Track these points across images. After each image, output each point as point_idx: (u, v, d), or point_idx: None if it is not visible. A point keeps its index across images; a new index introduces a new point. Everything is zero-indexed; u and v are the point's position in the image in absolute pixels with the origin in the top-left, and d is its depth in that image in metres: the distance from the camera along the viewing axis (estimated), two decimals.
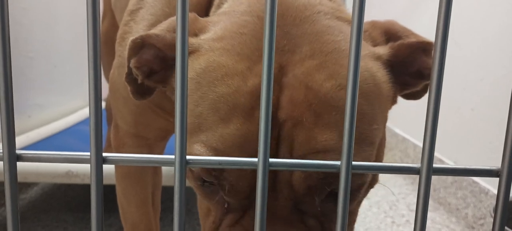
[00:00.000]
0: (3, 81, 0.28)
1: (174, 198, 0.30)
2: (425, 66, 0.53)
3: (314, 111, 0.43)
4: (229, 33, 0.48)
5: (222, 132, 0.43)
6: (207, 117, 0.45)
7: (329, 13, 0.51)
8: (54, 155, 0.30)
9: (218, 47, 0.47)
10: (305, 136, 0.43)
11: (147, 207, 0.82)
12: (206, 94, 0.45)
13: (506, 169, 0.30)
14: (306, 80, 0.44)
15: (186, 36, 0.28)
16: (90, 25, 0.27)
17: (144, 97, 0.56)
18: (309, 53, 0.46)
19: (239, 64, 0.45)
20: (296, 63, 0.45)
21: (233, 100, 0.44)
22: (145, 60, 0.52)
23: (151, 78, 0.53)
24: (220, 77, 0.45)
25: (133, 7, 0.69)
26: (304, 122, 0.43)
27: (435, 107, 0.29)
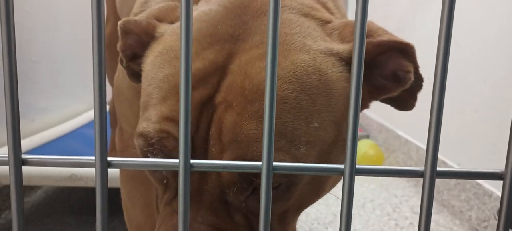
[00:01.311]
0: (9, 87, 0.28)
1: (179, 200, 0.30)
2: (401, 69, 0.49)
3: (246, 98, 0.43)
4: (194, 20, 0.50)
5: (160, 109, 0.46)
6: (153, 95, 0.48)
7: (296, 8, 0.51)
8: (60, 160, 0.30)
9: (177, 33, 0.50)
10: (232, 121, 0.43)
11: (152, 210, 0.82)
12: (156, 75, 0.48)
13: (510, 171, 0.30)
14: (246, 68, 0.44)
15: (190, 37, 0.28)
16: (95, 29, 0.28)
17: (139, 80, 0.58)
18: (258, 42, 0.46)
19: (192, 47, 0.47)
20: (243, 52, 0.46)
21: (174, 81, 0.46)
22: (129, 45, 0.55)
23: (134, 61, 0.56)
24: (169, 60, 0.48)
25: (137, 10, 0.70)
26: (234, 107, 0.43)
27: (439, 110, 0.29)
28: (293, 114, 0.44)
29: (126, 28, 0.54)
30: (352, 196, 0.30)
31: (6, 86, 0.29)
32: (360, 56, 0.28)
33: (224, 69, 0.45)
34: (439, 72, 0.29)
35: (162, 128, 0.46)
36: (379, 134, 1.99)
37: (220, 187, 0.45)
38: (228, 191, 0.45)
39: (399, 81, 0.49)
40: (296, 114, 0.44)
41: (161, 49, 0.50)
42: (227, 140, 0.43)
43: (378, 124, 1.98)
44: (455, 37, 1.42)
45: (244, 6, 0.50)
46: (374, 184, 1.62)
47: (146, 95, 0.49)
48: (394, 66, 0.49)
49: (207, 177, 0.46)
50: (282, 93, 0.43)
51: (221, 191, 0.46)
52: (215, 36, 0.47)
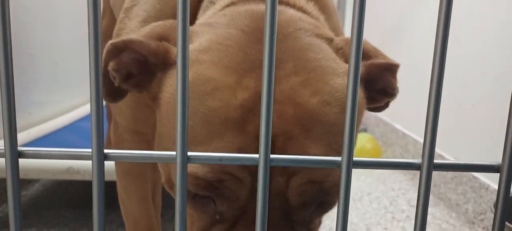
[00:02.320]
0: (5, 78, 0.28)
1: (176, 193, 0.30)
2: (389, 85, 0.56)
3: (303, 126, 0.44)
4: (215, 45, 0.49)
5: (216, 146, 0.44)
6: (200, 131, 0.45)
7: (309, 30, 0.53)
8: (56, 152, 0.30)
9: (205, 59, 0.48)
10: (297, 150, 0.44)
11: (148, 203, 0.83)
12: (197, 109, 0.45)
13: (507, 164, 0.30)
14: (293, 96, 0.45)
15: (187, 37, 0.28)
16: (91, 23, 0.27)
17: (115, 100, 0.57)
18: (294, 69, 0.47)
19: (228, 77, 0.46)
20: (281, 79, 0.46)
21: (224, 114, 0.44)
22: (124, 63, 0.52)
23: (127, 82, 0.53)
24: (210, 91, 0.45)
25: (128, 4, 0.70)
26: (295, 137, 0.44)
27: (436, 103, 0.29)
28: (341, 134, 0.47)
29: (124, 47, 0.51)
30: (349, 189, 0.30)
31: (2, 79, 0.28)
32: (357, 55, 0.28)
33: None
34: (437, 66, 0.29)
35: (223, 169, 0.44)
36: (376, 128, 1.99)
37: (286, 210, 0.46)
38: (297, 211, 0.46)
39: (387, 95, 0.57)
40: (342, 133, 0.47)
41: (193, 78, 0.47)
42: (293, 170, 0.44)
43: (375, 118, 1.98)
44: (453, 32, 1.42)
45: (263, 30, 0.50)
46: (371, 177, 1.63)
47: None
48: (385, 83, 0.56)
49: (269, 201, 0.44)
50: (333, 117, 0.46)
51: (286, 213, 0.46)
52: (247, 62, 0.47)
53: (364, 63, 0.54)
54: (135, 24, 0.67)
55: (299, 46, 0.50)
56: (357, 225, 1.30)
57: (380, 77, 0.55)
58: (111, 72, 0.52)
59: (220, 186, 0.44)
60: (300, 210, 0.46)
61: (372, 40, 0.59)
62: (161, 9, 0.65)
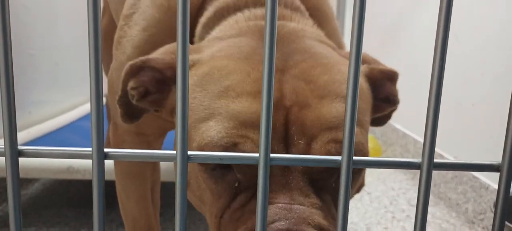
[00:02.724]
0: (5, 78, 0.28)
1: (176, 193, 0.30)
2: (391, 93, 0.59)
3: (318, 96, 0.48)
4: (227, 48, 0.53)
5: (233, 111, 0.46)
6: (216, 105, 0.47)
7: (312, 37, 0.58)
8: (56, 151, 0.30)
9: (220, 55, 0.52)
10: (314, 116, 0.46)
11: (147, 202, 0.83)
12: (213, 90, 0.48)
13: (507, 163, 0.30)
14: (304, 76, 0.49)
15: (187, 32, 0.28)
16: (91, 23, 0.27)
17: (132, 120, 0.60)
18: (301, 59, 0.51)
19: (241, 65, 0.50)
20: (291, 67, 0.50)
21: (240, 88, 0.47)
22: (142, 81, 0.55)
23: (145, 99, 0.56)
24: (225, 75, 0.49)
25: (127, 11, 0.71)
26: (310, 104, 0.47)
27: (436, 103, 0.29)
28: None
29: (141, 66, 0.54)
30: (349, 189, 0.30)
31: (2, 78, 0.28)
32: (358, 52, 0.28)
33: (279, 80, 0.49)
34: (437, 65, 0.29)
35: (240, 133, 0.46)
36: (376, 127, 1.99)
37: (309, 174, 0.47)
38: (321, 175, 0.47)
39: (390, 103, 0.60)
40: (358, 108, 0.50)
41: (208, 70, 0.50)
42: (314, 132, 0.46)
43: None
44: (454, 31, 1.41)
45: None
46: (371, 177, 1.63)
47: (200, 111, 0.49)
48: (388, 91, 0.59)
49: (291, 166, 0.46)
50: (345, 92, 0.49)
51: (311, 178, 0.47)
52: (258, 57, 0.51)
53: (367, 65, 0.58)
54: (135, 33, 0.68)
55: (304, 46, 0.54)
56: (357, 225, 1.30)
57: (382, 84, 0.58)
58: (130, 91, 0.56)
59: (235, 150, 0.45)
60: (325, 175, 0.47)
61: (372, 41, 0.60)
62: (160, 18, 0.67)
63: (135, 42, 0.68)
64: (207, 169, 0.49)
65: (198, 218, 1.29)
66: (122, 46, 0.70)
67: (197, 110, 0.49)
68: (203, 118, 0.48)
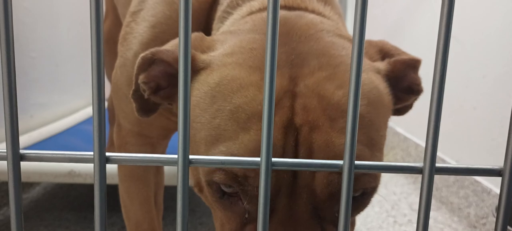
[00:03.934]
0: (7, 82, 0.28)
1: (177, 197, 0.30)
2: (414, 82, 0.56)
3: (329, 117, 0.45)
4: (239, 49, 0.50)
5: (242, 139, 0.44)
6: (226, 127, 0.46)
7: (331, 31, 0.54)
8: (58, 155, 0.30)
9: (230, 62, 0.49)
10: (323, 139, 0.44)
11: (150, 206, 0.83)
12: (223, 106, 0.47)
13: (509, 168, 0.30)
14: (318, 89, 0.46)
15: (189, 39, 0.28)
16: (93, 25, 0.28)
17: (148, 114, 0.58)
18: (318, 66, 0.48)
19: (252, 76, 0.47)
20: (306, 75, 0.47)
21: (251, 109, 0.45)
22: (153, 76, 0.53)
23: (157, 94, 0.55)
24: (236, 89, 0.47)
25: (135, 8, 0.70)
26: (320, 127, 0.44)
27: (438, 107, 0.29)
28: (369, 127, 0.47)
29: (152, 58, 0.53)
30: (351, 193, 0.30)
31: (4, 82, 0.28)
32: (359, 53, 0.28)
33: (291, 92, 0.46)
34: (439, 68, 0.29)
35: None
36: None
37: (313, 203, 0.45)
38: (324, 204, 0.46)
39: (412, 93, 0.57)
40: (370, 126, 0.47)
41: (219, 79, 0.48)
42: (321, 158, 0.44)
43: None
44: (455, 33, 1.42)
45: (286, 33, 0.51)
46: None
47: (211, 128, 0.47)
48: (410, 80, 0.56)
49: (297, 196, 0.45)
50: (360, 109, 0.46)
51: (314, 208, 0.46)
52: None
53: (389, 61, 0.55)
54: (143, 29, 0.67)
55: (322, 45, 0.51)
56: (359, 229, 1.29)
57: (404, 75, 0.55)
58: (141, 86, 0.54)
59: (245, 182, 0.44)
60: (328, 204, 0.46)
61: None
62: (171, 15, 0.65)
63: (143, 39, 0.67)
64: (215, 195, 0.48)
65: (199, 222, 1.29)
66: (128, 43, 0.69)
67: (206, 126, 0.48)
68: (213, 138, 0.47)
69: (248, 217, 0.47)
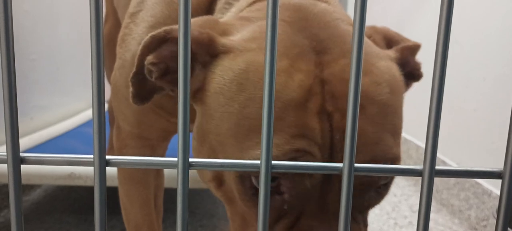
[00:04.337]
0: (7, 84, 0.28)
1: (177, 199, 0.30)
2: (415, 68, 0.57)
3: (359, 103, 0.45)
4: (260, 34, 0.49)
5: (280, 127, 0.43)
6: (260, 117, 0.44)
7: (344, 20, 0.54)
8: (58, 158, 0.30)
9: (254, 47, 0.48)
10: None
11: (150, 209, 0.82)
12: (254, 95, 0.45)
13: (509, 170, 0.30)
14: (344, 76, 0.46)
15: (189, 40, 0.28)
16: (93, 28, 0.28)
17: (143, 102, 0.55)
18: (340, 53, 0.47)
19: (280, 62, 0.46)
20: (330, 62, 0.47)
21: (285, 96, 0.44)
22: (164, 57, 0.50)
23: (164, 78, 0.51)
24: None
25: (134, 9, 0.70)
26: None
27: (437, 109, 0.29)
28: (393, 115, 0.48)
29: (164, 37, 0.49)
30: (351, 195, 0.30)
31: (4, 84, 0.29)
32: (359, 53, 0.28)
33: (320, 79, 0.46)
34: (438, 70, 0.29)
35: (295, 147, 0.43)
36: None
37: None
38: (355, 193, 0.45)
39: (414, 78, 0.57)
40: (394, 114, 0.48)
41: (246, 65, 0.46)
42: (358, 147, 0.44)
43: None
44: (455, 35, 1.42)
45: (305, 19, 0.50)
46: None
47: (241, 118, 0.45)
48: (411, 66, 0.56)
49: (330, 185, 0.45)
50: (385, 97, 0.47)
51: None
52: (296, 48, 0.47)
53: (396, 48, 0.55)
54: (142, 30, 0.66)
55: (341, 33, 0.50)
56: None
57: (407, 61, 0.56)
58: (149, 67, 0.50)
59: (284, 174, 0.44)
60: (360, 194, 0.46)
61: None
62: (169, 15, 0.65)
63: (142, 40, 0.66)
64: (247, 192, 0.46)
65: (199, 224, 1.28)
66: (126, 44, 0.68)
67: (236, 116, 0.46)
68: (245, 129, 0.45)
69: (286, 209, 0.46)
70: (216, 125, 0.48)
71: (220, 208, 1.40)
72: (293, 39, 0.48)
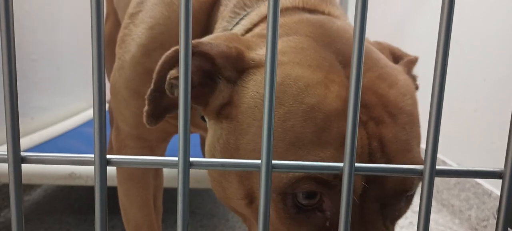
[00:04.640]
0: (8, 84, 0.28)
1: (178, 199, 0.30)
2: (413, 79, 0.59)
3: (390, 113, 0.46)
4: (290, 49, 0.49)
5: (326, 139, 0.43)
6: (303, 130, 0.44)
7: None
8: (59, 157, 0.30)
9: (286, 61, 0.47)
10: (391, 134, 0.45)
11: (149, 209, 0.82)
12: (295, 108, 0.44)
13: (509, 170, 0.30)
14: (373, 88, 0.47)
15: (189, 40, 0.28)
16: (94, 28, 0.28)
17: (157, 121, 0.53)
18: (366, 67, 0.48)
19: (315, 74, 0.46)
20: None
21: (326, 107, 0.44)
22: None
23: None
24: (304, 88, 0.45)
25: (133, 10, 0.70)
26: (385, 122, 0.46)
27: (438, 109, 0.29)
28: (417, 124, 0.49)
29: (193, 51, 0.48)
30: (351, 195, 0.30)
31: (5, 85, 0.29)
32: (359, 55, 0.28)
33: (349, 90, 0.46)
34: (439, 71, 0.29)
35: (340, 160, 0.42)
36: None
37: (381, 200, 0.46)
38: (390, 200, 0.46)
39: None
40: (418, 123, 0.50)
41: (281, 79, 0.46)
42: (391, 151, 0.45)
43: None
44: (455, 36, 1.42)
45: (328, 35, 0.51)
46: None
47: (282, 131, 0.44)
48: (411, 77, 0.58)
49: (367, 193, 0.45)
50: (410, 108, 0.48)
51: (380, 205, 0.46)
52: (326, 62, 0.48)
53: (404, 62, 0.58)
54: (141, 31, 0.66)
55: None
56: None
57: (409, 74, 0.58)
58: (172, 81, 0.49)
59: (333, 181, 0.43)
60: (394, 201, 0.46)
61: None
62: (169, 16, 0.65)
63: (142, 41, 0.66)
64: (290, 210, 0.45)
65: (200, 224, 1.28)
66: (126, 45, 0.68)
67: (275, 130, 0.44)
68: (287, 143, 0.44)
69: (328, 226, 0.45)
70: (251, 140, 0.47)
71: (221, 208, 1.40)
72: (321, 54, 0.48)
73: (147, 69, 0.67)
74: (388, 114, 0.46)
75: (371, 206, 0.45)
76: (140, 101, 0.70)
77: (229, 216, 1.35)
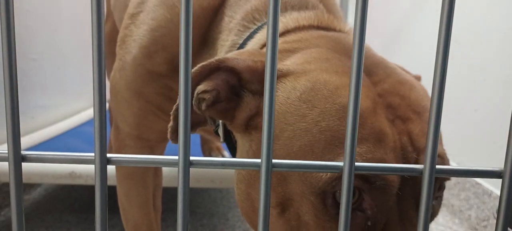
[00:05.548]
0: (9, 84, 0.29)
1: (178, 198, 0.30)
2: None
3: (414, 111, 0.48)
4: (315, 59, 0.51)
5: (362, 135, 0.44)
6: (339, 128, 0.45)
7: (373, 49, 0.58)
8: (59, 156, 0.30)
9: (313, 68, 0.49)
10: (419, 129, 0.47)
11: (149, 208, 0.82)
12: (328, 108, 0.46)
13: (509, 170, 0.30)
14: (396, 91, 0.50)
15: (189, 40, 0.28)
16: (94, 27, 0.28)
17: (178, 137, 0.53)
18: (385, 75, 0.52)
19: (343, 79, 0.48)
20: (377, 82, 0.50)
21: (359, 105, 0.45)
22: (216, 85, 0.49)
23: (215, 106, 0.50)
24: (334, 90, 0.47)
25: (134, 10, 0.70)
26: (411, 119, 0.48)
27: (438, 109, 0.29)
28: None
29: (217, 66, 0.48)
30: (351, 195, 0.30)
31: (6, 84, 0.29)
32: (359, 57, 0.28)
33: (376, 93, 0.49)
34: (439, 71, 0.29)
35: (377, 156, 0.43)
36: None
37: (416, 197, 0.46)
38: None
39: None
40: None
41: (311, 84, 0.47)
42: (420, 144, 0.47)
43: None
44: (455, 36, 1.42)
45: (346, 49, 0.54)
46: None
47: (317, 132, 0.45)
48: None
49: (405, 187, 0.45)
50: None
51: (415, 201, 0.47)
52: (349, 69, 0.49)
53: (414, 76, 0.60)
54: (143, 32, 0.66)
55: (378, 60, 0.54)
56: None
57: None
58: (200, 96, 0.49)
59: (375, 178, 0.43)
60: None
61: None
62: (171, 19, 0.65)
63: (143, 42, 0.66)
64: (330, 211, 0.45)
65: (200, 224, 1.29)
66: (127, 46, 0.68)
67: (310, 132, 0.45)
68: (324, 143, 0.44)
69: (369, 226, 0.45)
70: (284, 145, 0.47)
71: (220, 208, 1.40)
72: (345, 63, 0.51)
73: (148, 71, 0.67)
74: (412, 112, 0.48)
75: (408, 204, 0.46)
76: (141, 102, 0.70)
77: (229, 215, 1.35)
